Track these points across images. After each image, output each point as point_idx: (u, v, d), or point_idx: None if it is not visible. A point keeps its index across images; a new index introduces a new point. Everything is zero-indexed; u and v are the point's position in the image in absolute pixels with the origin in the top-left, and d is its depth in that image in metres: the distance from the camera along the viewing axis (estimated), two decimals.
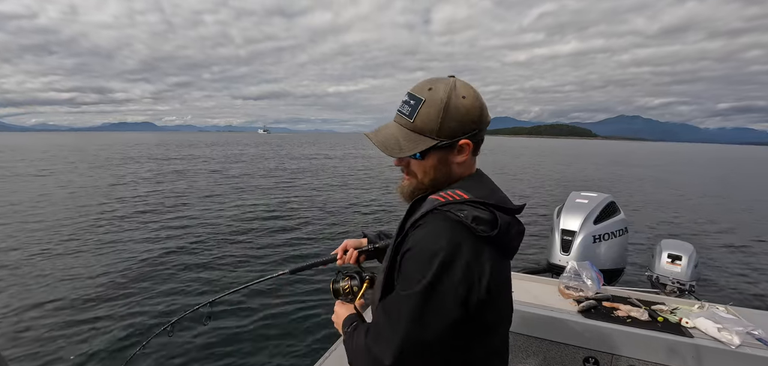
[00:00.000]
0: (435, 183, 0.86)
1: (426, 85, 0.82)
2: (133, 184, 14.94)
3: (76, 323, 3.98)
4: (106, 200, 11.05)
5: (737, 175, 28.65)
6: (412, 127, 0.82)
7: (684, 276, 2.84)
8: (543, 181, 18.89)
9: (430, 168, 0.85)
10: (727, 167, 37.67)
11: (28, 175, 17.79)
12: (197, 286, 5.13)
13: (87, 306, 4.40)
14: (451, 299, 0.72)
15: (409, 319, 0.72)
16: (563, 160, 40.91)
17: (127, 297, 4.62)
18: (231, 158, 30.57)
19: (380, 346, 0.75)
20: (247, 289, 1.31)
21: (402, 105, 0.85)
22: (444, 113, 0.79)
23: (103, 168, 20.79)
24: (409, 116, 0.82)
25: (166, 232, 7.75)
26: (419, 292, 0.72)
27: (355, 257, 1.22)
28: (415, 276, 0.73)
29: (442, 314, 0.72)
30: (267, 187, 14.37)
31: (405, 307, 0.73)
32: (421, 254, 0.74)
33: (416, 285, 0.72)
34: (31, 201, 10.90)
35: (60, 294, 4.64)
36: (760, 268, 6.59)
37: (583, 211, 3.09)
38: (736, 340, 1.52)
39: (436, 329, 0.72)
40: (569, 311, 1.81)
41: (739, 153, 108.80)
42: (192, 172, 19.42)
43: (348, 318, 0.99)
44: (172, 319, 1.49)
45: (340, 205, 11.14)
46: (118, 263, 5.81)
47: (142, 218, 8.98)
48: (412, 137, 0.82)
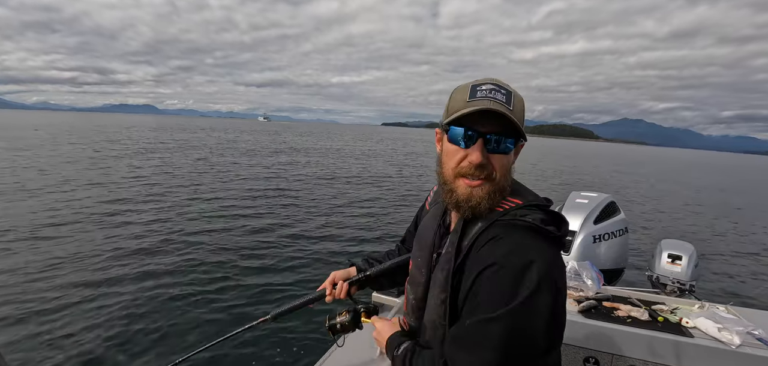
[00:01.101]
0: (506, 186, 0.79)
1: (497, 80, 0.78)
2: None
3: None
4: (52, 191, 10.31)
5: (739, 182, 28.53)
6: (513, 116, 0.74)
7: (684, 276, 2.84)
8: (543, 181, 18.91)
9: (508, 166, 0.78)
10: (729, 175, 37.44)
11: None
12: (147, 342, 3.61)
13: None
14: (548, 311, 0.67)
15: (502, 343, 0.65)
16: (562, 160, 40.79)
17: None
18: (223, 146, 28.08)
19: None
20: (217, 345, 1.12)
21: (489, 91, 0.75)
22: (524, 112, 0.78)
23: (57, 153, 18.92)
24: (507, 103, 0.74)
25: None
26: (514, 310, 0.65)
27: (345, 290, 1.16)
28: (505, 293, 0.66)
29: (541, 329, 0.66)
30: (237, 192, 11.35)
31: (496, 330, 0.65)
32: (510, 269, 0.67)
33: (507, 305, 0.65)
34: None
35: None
36: (760, 268, 6.59)
37: (583, 211, 3.09)
38: (736, 340, 1.51)
39: (534, 348, 0.67)
40: (569, 311, 1.81)
41: (741, 161, 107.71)
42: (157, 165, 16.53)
43: (394, 338, 0.92)
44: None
45: (333, 204, 10.27)
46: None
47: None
48: (516, 125, 0.74)
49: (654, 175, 26.95)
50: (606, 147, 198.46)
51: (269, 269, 5.52)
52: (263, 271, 5.43)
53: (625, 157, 58.93)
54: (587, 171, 27.65)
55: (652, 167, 33.19)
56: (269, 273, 5.38)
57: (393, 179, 16.39)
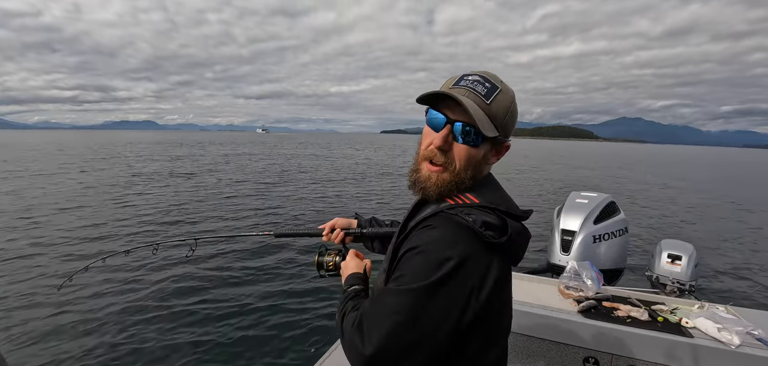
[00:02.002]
0: (468, 179, 0.80)
1: (493, 76, 0.79)
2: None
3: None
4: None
5: (739, 178, 28.57)
6: (487, 110, 0.76)
7: (684, 276, 2.84)
8: (543, 181, 18.91)
9: (474, 160, 0.79)
10: (728, 170, 37.54)
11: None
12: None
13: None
14: (452, 305, 0.69)
15: (402, 315, 0.68)
16: (562, 160, 40.77)
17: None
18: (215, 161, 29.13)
19: (363, 335, 0.70)
20: (232, 240, 1.31)
21: (472, 82, 0.77)
22: (512, 109, 0.78)
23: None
24: (486, 98, 0.76)
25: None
26: (420, 289, 0.68)
27: (340, 238, 1.22)
28: (418, 274, 0.69)
29: (439, 318, 0.69)
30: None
31: (400, 302, 0.69)
32: (429, 255, 0.70)
33: (417, 283, 0.69)
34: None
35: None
36: (760, 268, 6.59)
37: (583, 211, 3.09)
38: (736, 340, 1.52)
39: (428, 332, 0.68)
40: (569, 311, 1.81)
41: (741, 156, 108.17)
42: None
43: (352, 276, 0.96)
44: (157, 239, 1.52)
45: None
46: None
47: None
48: (486, 120, 0.75)
49: (651, 172, 26.94)
50: (605, 147, 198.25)
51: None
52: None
53: (624, 156, 58.92)
54: (584, 172, 27.65)
55: (649, 165, 33.16)
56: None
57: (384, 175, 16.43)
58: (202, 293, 4.70)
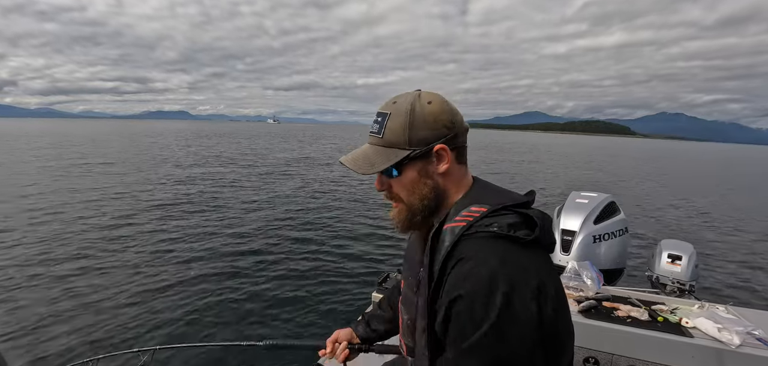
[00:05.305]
0: (425, 201, 0.79)
1: (391, 101, 0.80)
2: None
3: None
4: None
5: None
6: (383, 143, 0.79)
7: (684, 276, 2.84)
8: (543, 180, 18.89)
9: (412, 184, 0.79)
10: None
11: None
12: (134, 324, 3.84)
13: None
14: (527, 327, 0.62)
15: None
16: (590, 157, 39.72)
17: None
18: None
19: None
20: (203, 348, 1.12)
21: (372, 125, 0.82)
22: (411, 121, 0.76)
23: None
24: (378, 133, 0.80)
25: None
26: (487, 333, 0.61)
27: (343, 358, 1.19)
28: (475, 319, 0.63)
29: (521, 347, 0.62)
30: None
31: (473, 361, 0.63)
32: (475, 293, 0.63)
33: (480, 329, 0.62)
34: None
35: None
36: (760, 268, 6.59)
37: (583, 211, 3.10)
38: (736, 340, 1.51)
39: (520, 361, 0.62)
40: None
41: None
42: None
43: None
44: (98, 355, 1.28)
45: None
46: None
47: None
48: (384, 152, 0.78)
49: (653, 172, 26.81)
50: (641, 143, 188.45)
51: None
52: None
53: (662, 156, 53.78)
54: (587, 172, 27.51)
55: (653, 165, 32.84)
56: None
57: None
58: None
